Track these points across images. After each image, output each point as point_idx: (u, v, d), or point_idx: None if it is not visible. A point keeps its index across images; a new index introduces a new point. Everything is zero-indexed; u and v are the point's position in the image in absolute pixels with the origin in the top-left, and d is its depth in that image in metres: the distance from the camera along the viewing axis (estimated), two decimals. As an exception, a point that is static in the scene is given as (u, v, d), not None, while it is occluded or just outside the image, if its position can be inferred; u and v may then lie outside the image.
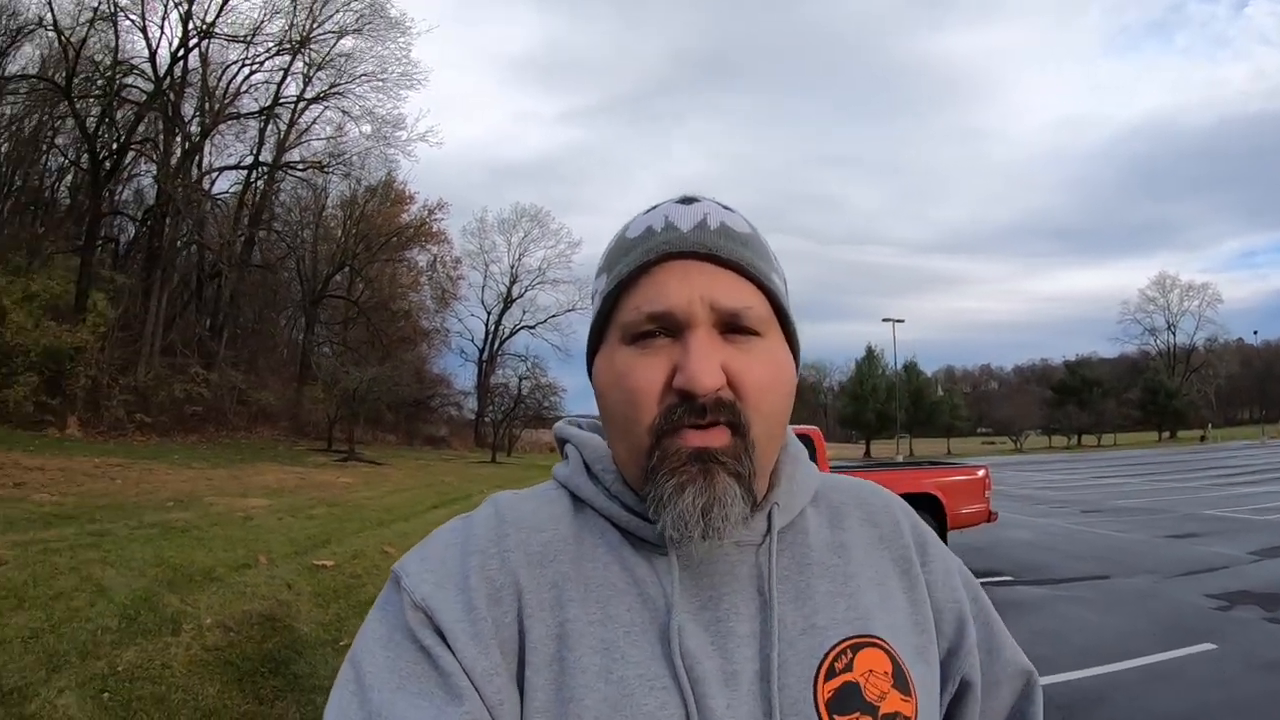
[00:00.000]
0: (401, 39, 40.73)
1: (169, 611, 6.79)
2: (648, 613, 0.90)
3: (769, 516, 0.97)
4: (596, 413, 1.02)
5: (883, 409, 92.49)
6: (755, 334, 0.93)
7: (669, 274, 0.92)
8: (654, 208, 1.00)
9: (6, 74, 34.04)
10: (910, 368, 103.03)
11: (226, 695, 5.43)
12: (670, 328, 0.91)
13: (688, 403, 0.88)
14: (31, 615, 6.31)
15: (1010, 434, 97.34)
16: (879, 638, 0.94)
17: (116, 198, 39.11)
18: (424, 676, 0.84)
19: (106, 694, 5.14)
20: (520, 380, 52.26)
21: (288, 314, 52.22)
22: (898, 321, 77.36)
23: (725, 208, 0.99)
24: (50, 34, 32.25)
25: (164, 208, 34.29)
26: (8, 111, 37.13)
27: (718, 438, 0.88)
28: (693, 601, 0.92)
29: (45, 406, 23.67)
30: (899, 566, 1.04)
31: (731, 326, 0.92)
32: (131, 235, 41.14)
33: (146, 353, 30.40)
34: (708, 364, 0.87)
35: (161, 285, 33.27)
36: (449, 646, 0.85)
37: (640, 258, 0.94)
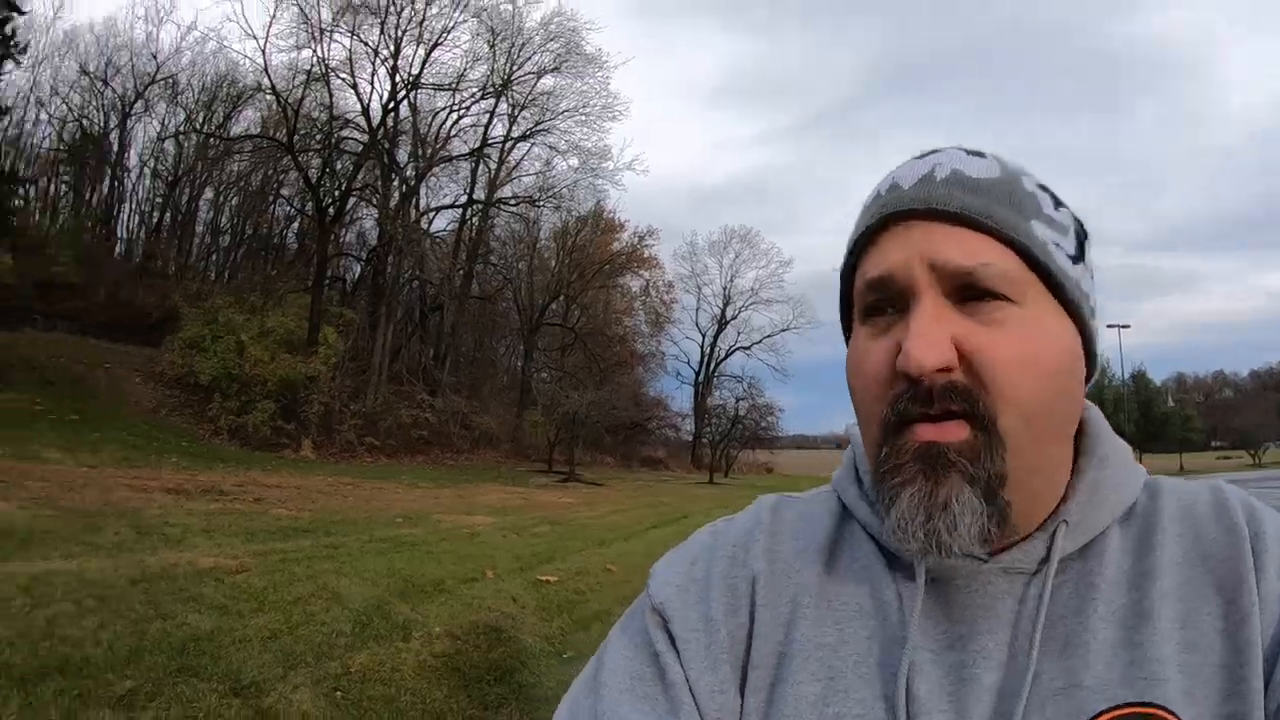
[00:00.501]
0: (599, 73, 41.60)
1: (400, 619, 6.80)
2: (884, 643, 0.75)
3: (1051, 537, 0.75)
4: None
5: (1110, 422, 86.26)
6: (1004, 299, 0.72)
7: (888, 237, 0.76)
8: None
9: (233, 135, 37.10)
10: (1139, 377, 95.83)
11: (453, 700, 5.38)
12: (894, 299, 0.74)
13: (914, 389, 0.71)
14: (271, 618, 6.43)
15: (1248, 447, 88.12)
16: (1166, 710, 0.67)
17: (341, 240, 41.60)
18: (650, 681, 0.78)
19: (339, 693, 5.17)
20: (737, 401, 52.05)
21: (507, 342, 53.86)
22: (1123, 327, 72.10)
23: (971, 153, 0.79)
24: (269, 97, 34.92)
25: (386, 247, 36.09)
26: (236, 168, 40.37)
27: (952, 432, 0.70)
28: (938, 638, 0.74)
29: (282, 430, 25.15)
30: (1223, 596, 0.72)
31: (967, 292, 0.72)
32: (357, 274, 43.80)
33: (375, 381, 31.83)
34: (926, 338, 0.70)
35: (387, 318, 34.85)
36: (679, 655, 0.78)
37: (862, 224, 0.80)
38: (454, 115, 39.21)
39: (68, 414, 20.52)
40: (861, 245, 0.79)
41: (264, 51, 40.27)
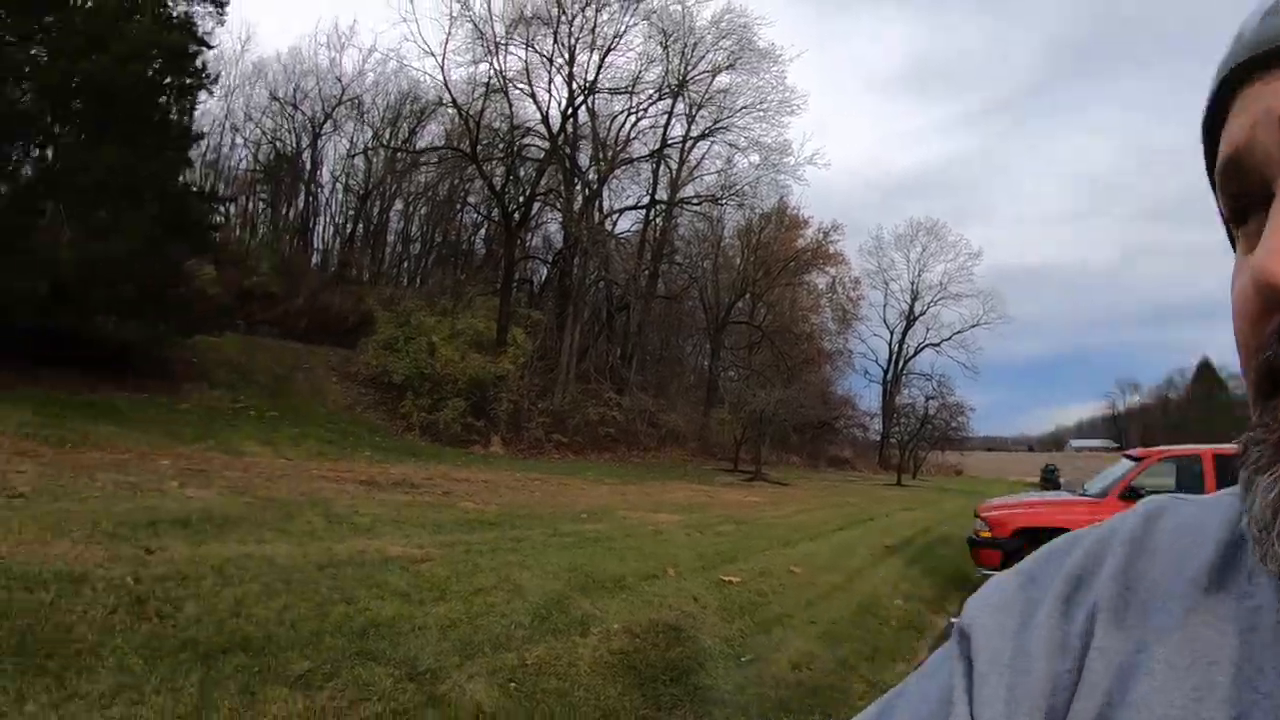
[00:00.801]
0: (774, 68, 40.97)
1: (578, 614, 6.71)
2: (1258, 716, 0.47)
3: None
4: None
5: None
6: None
7: (1245, 99, 0.49)
8: None
9: (419, 148, 38.93)
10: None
11: (627, 697, 5.20)
12: (1253, 192, 0.49)
13: None
14: (451, 607, 6.49)
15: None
16: None
17: (528, 244, 42.57)
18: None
19: (513, 684, 5.10)
20: (926, 400, 50.39)
21: (694, 340, 53.93)
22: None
23: None
24: (450, 111, 36.43)
25: (571, 249, 36.68)
26: (424, 179, 42.07)
27: None
28: None
29: (472, 427, 25.93)
30: None
31: None
32: (544, 276, 44.72)
33: (562, 379, 32.37)
34: None
35: (574, 319, 35.38)
36: (971, 697, 0.57)
37: (1215, 82, 0.52)
38: (632, 118, 39.52)
39: (268, 411, 21.69)
40: (1214, 112, 0.53)
41: (443, 68, 41.97)
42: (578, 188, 37.52)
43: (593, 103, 37.52)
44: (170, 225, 20.53)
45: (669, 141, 41.09)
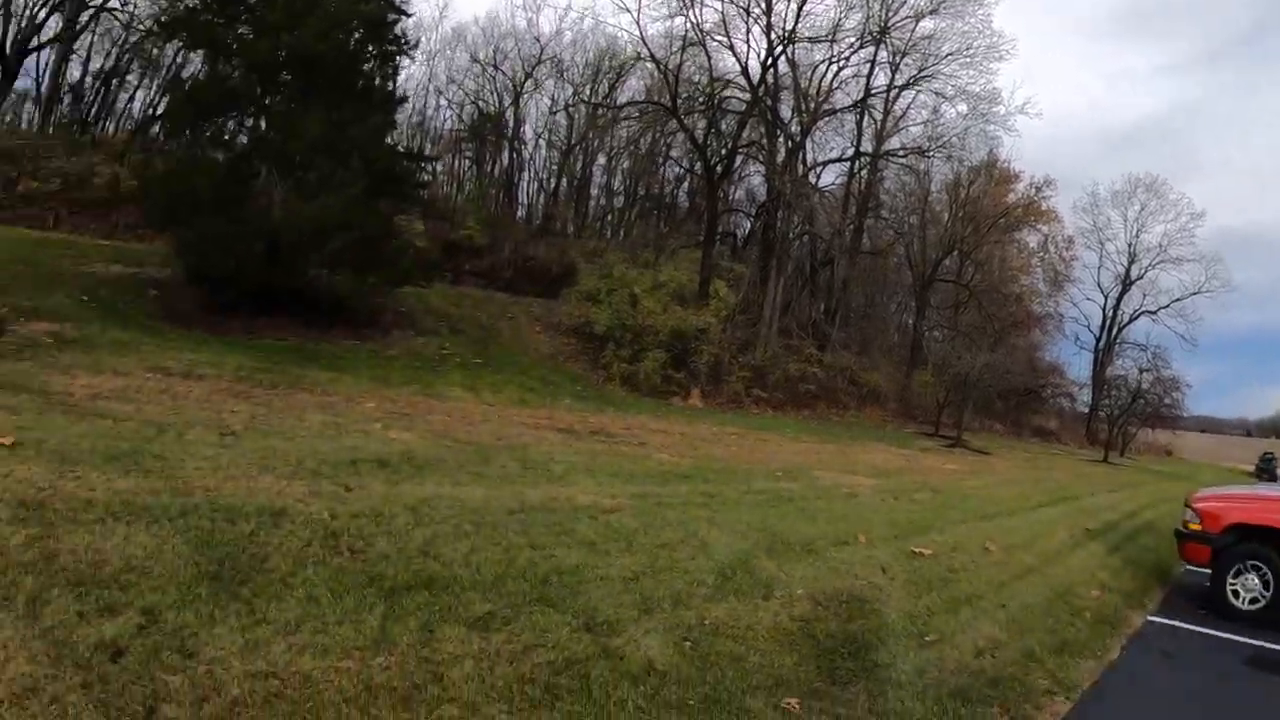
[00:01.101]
0: (980, 11, 38.50)
1: (763, 576, 6.64)
2: None
3: None
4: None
5: None
6: None
7: None
8: None
9: (619, 104, 39.28)
10: None
11: (802, 668, 5.08)
12: None
13: None
14: (636, 559, 6.56)
15: None
16: None
17: (731, 197, 42.49)
18: None
19: (689, 643, 5.07)
20: (1140, 373, 46.95)
21: (898, 298, 52.78)
22: None
23: None
24: (649, 65, 36.48)
25: (774, 203, 36.20)
26: (625, 134, 42.45)
27: None
28: None
29: (672, 379, 26.15)
30: None
31: None
32: (747, 230, 44.53)
33: (764, 334, 32.18)
34: None
35: (777, 273, 35.05)
36: None
37: None
38: (833, 67, 38.11)
39: (472, 359, 22.49)
40: None
41: (638, 23, 41.81)
42: (780, 140, 36.83)
43: (792, 53, 36.49)
44: (378, 184, 21.62)
45: (872, 91, 39.63)
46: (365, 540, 6.06)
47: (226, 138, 22.82)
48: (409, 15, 24.86)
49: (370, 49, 23.42)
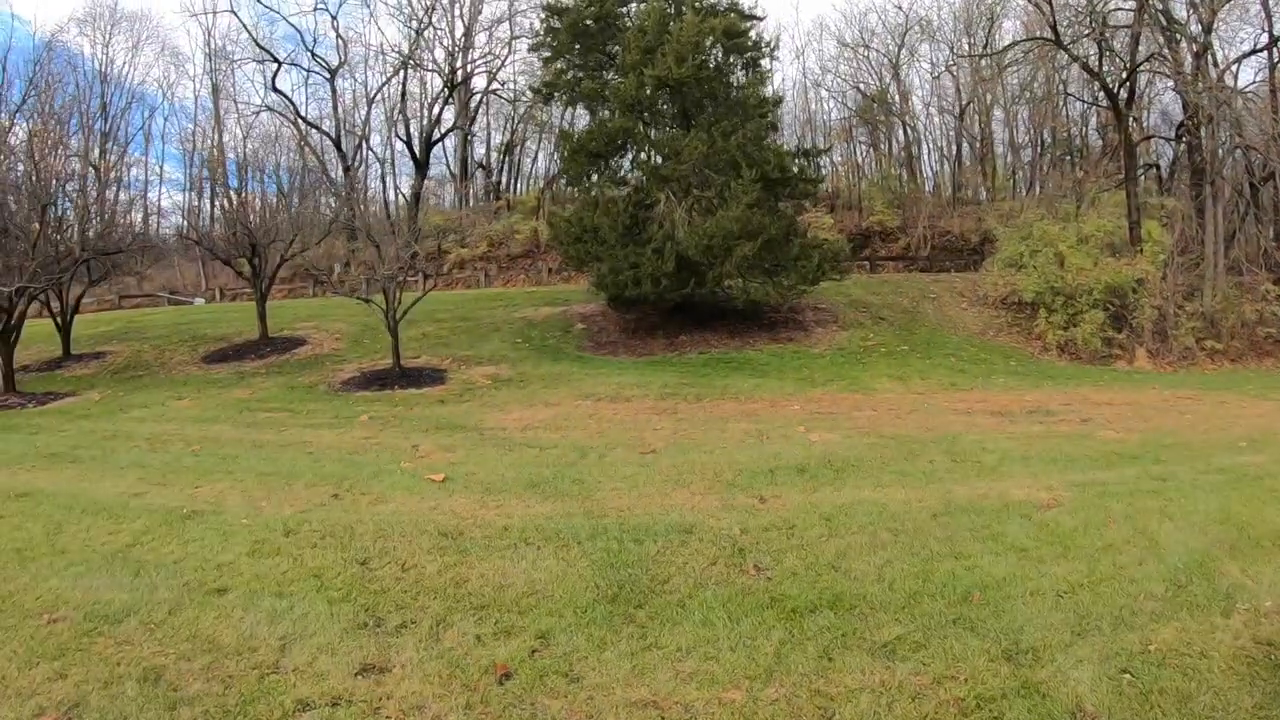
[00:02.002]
0: None
1: (1224, 584, 5.64)
2: None
3: None
4: None
5: None
6: None
7: None
8: None
9: (999, 49, 36.45)
10: None
11: (1266, 711, 4.03)
12: None
13: None
14: (1072, 567, 5.95)
15: None
16: None
17: (1145, 124, 38.45)
18: None
19: (1127, 676, 4.32)
20: None
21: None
22: None
23: None
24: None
25: (1194, 119, 32.11)
26: (1016, 81, 39.89)
27: None
28: None
29: (1112, 341, 23.74)
30: None
31: None
32: (1171, 157, 39.91)
33: (1210, 275, 28.57)
34: None
35: (1213, 201, 31.06)
36: None
37: None
38: None
39: (898, 346, 21.97)
40: None
41: None
42: (1181, 45, 32.55)
43: None
44: (771, 187, 21.89)
45: None
46: (773, 556, 6.06)
47: (622, 175, 24.29)
48: (761, 19, 24.92)
49: (732, 60, 23.93)
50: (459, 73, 50.01)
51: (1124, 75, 31.35)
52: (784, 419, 12.89)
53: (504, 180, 54.97)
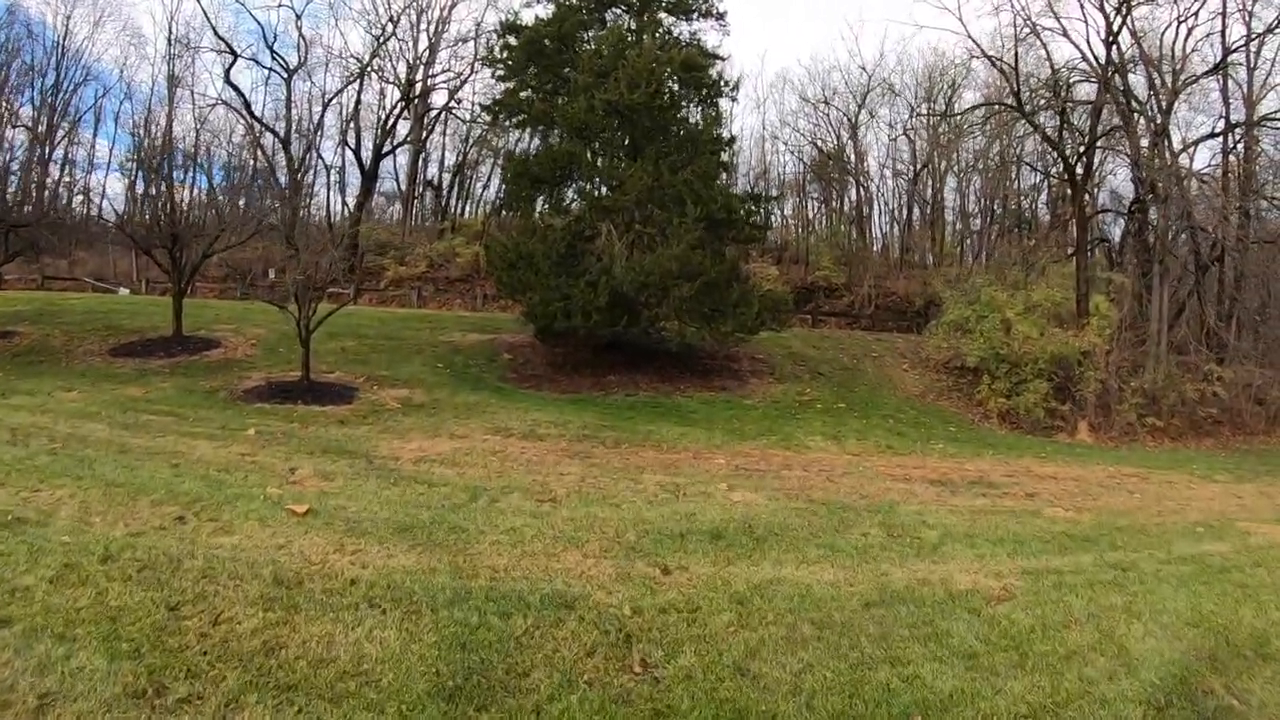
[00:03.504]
0: None
1: (1210, 706, 4.81)
2: None
3: None
4: None
5: None
6: None
7: None
8: None
9: (958, 111, 37.74)
10: None
11: None
12: None
13: None
14: (1032, 681, 5.02)
15: None
16: None
17: (1096, 200, 38.58)
18: None
19: None
20: None
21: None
22: None
23: None
24: (981, 74, 35.93)
25: (1149, 197, 32.06)
26: (972, 148, 41.01)
27: None
28: None
29: (1055, 411, 23.15)
30: None
31: None
32: (1119, 234, 40.24)
33: (1153, 351, 28.30)
34: None
35: (1160, 279, 30.93)
36: None
37: None
38: (1183, 28, 32.32)
39: (835, 403, 21.11)
40: None
41: (961, 20, 38.82)
42: (1139, 123, 32.41)
43: (1132, 22, 31.87)
44: (716, 228, 21.16)
45: (1231, 48, 33.76)
46: (667, 649, 5.03)
47: (568, 204, 23.49)
48: (723, 59, 24.27)
49: (689, 94, 23.28)
50: (417, 86, 49.02)
51: (1082, 149, 31.17)
52: (706, 473, 11.86)
53: (453, 202, 54.07)
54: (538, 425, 14.86)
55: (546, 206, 23.82)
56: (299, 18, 51.30)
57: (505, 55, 24.08)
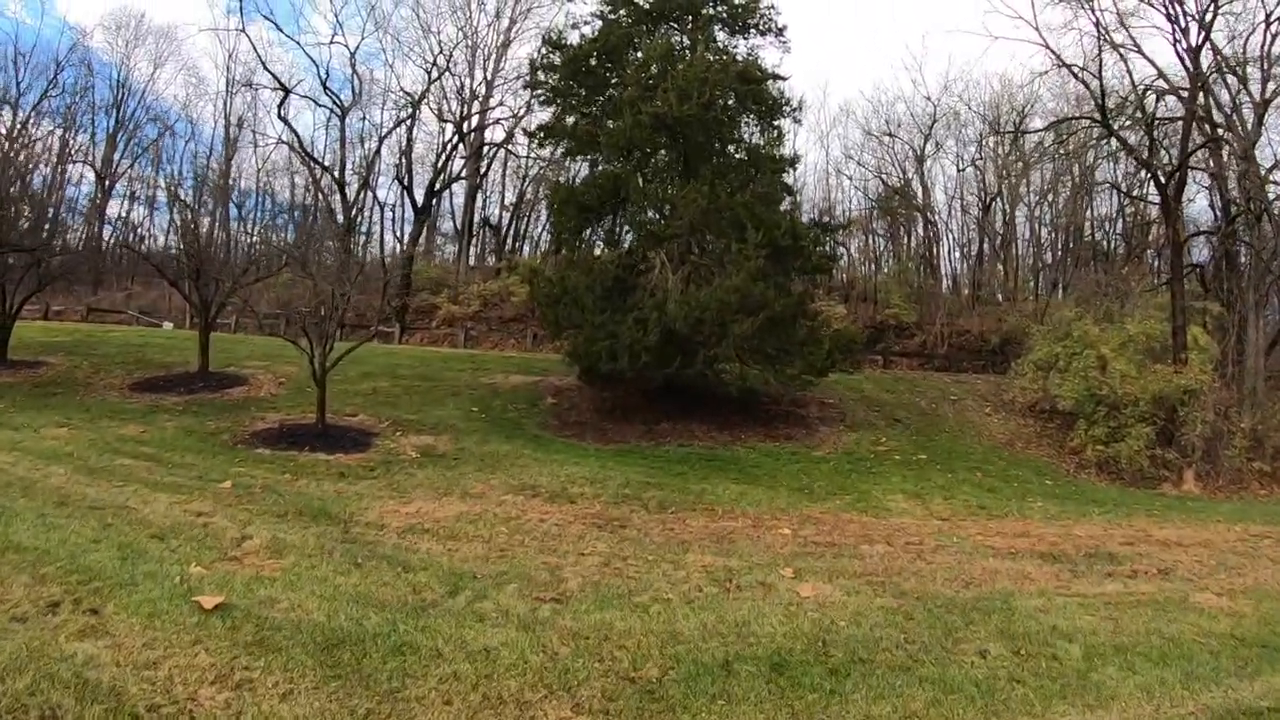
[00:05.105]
0: None
1: None
2: None
3: None
4: None
5: None
6: None
7: None
8: None
9: (1041, 127, 36.84)
10: None
11: None
12: None
13: None
14: None
15: None
16: None
17: (1188, 220, 36.08)
18: None
19: None
20: None
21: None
22: None
23: None
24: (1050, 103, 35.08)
25: (1235, 220, 29.56)
26: (1041, 179, 39.51)
27: None
28: None
29: (1158, 459, 20.48)
30: None
31: None
32: (1210, 258, 37.35)
33: (1252, 387, 25.56)
34: None
35: (1256, 307, 28.24)
36: None
37: None
38: (1270, 31, 29.24)
39: (915, 454, 18.92)
40: None
41: (1035, 26, 36.73)
42: (1229, 139, 29.59)
43: (1211, 28, 29.02)
44: (780, 256, 19.15)
45: None
46: None
47: (620, 235, 21.91)
48: (784, 78, 22.28)
49: (746, 109, 21.49)
50: (472, 121, 48.13)
51: (1171, 168, 28.30)
52: (766, 550, 9.80)
53: (511, 240, 53.06)
54: (571, 482, 12.97)
55: (595, 237, 22.30)
56: (353, 55, 51.06)
57: (549, 76, 22.54)
